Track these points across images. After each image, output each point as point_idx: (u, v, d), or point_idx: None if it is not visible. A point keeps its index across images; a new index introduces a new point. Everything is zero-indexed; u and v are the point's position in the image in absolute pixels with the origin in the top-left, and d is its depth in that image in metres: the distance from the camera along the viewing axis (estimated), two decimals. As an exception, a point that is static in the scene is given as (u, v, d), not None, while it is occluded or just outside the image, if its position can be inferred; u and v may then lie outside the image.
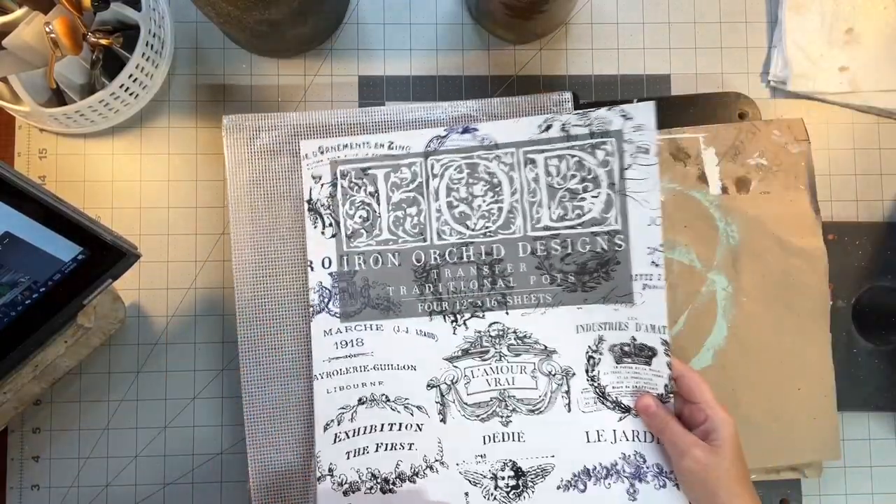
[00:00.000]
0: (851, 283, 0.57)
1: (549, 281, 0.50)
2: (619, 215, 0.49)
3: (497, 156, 0.50)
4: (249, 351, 0.53)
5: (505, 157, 0.50)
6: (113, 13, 0.50)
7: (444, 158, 0.51)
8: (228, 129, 0.54)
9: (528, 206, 0.50)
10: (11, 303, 0.42)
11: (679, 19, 0.59)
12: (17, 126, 0.55)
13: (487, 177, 0.51)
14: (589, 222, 0.49)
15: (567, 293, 0.50)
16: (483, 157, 0.51)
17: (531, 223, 0.50)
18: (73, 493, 0.53)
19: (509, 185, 0.50)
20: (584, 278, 0.50)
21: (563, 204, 0.50)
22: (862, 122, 0.59)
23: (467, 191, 0.51)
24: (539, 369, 0.50)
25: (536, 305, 0.50)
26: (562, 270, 0.50)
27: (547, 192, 0.50)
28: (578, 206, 0.49)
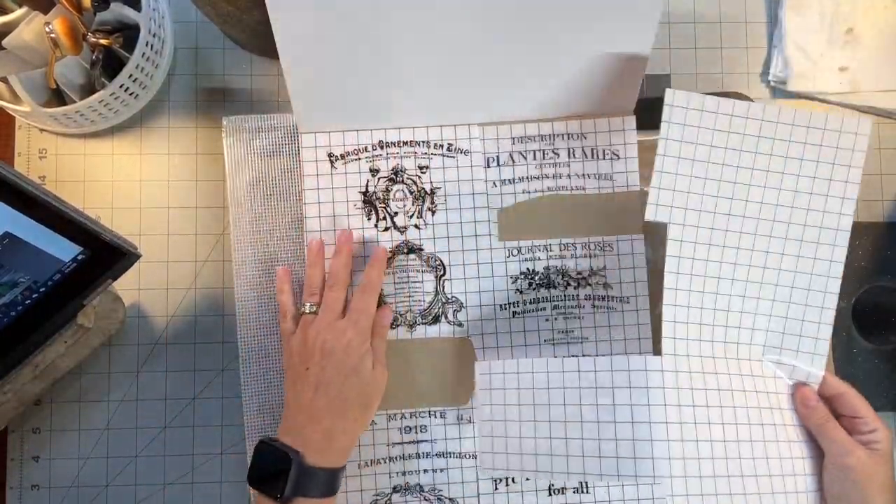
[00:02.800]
0: (851, 283, 0.57)
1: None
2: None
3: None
4: (249, 351, 0.53)
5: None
6: (113, 13, 0.50)
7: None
8: (228, 130, 0.54)
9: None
10: (11, 303, 0.42)
11: (679, 19, 0.59)
12: (17, 126, 0.55)
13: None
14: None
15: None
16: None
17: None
18: (73, 493, 0.53)
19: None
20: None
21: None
22: (862, 122, 0.59)
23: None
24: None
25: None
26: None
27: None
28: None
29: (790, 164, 0.48)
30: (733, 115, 0.47)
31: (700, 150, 0.47)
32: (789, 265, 0.49)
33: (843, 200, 0.49)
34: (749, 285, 0.49)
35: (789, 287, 0.49)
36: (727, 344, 0.48)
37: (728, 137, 0.48)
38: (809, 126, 0.48)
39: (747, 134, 0.48)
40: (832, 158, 0.48)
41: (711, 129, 0.47)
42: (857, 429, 0.47)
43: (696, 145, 0.47)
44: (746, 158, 0.48)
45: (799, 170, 0.48)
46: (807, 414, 0.48)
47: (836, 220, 0.49)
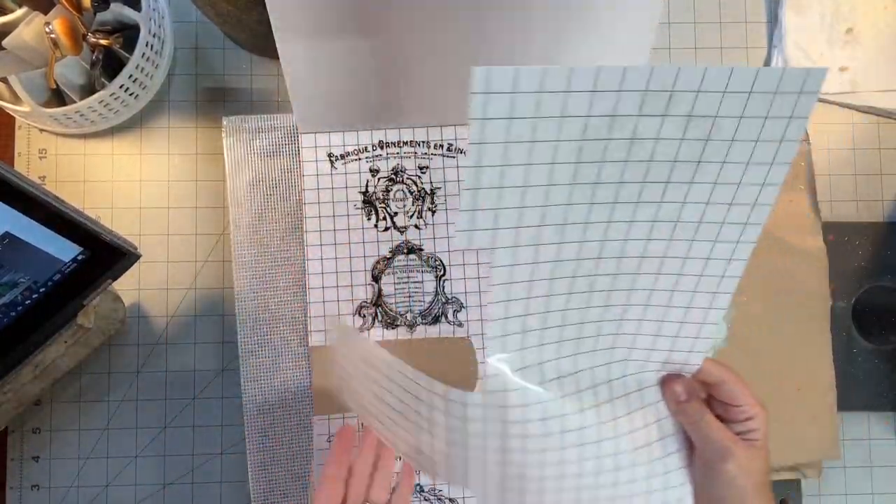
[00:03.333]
0: (851, 283, 0.57)
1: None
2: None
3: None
4: (249, 351, 0.53)
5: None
6: (113, 13, 0.50)
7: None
8: (228, 131, 0.54)
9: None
10: (11, 303, 0.42)
11: (679, 19, 0.59)
12: (17, 126, 0.55)
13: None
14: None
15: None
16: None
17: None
18: (73, 493, 0.53)
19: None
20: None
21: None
22: (862, 122, 0.59)
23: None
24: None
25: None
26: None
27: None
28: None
29: (688, 150, 0.34)
30: (596, 89, 0.32)
31: (540, 148, 0.33)
32: (679, 251, 0.38)
33: (763, 187, 0.35)
34: (612, 295, 0.39)
35: (676, 274, 0.39)
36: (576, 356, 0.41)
37: (585, 124, 0.32)
38: (727, 91, 0.32)
39: (619, 115, 0.32)
40: (755, 134, 0.33)
41: (559, 116, 0.32)
42: (733, 417, 0.42)
43: (533, 143, 0.32)
44: (618, 149, 0.34)
45: (700, 155, 0.34)
46: (677, 411, 0.43)
47: (750, 207, 0.36)
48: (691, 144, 0.34)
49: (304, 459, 0.52)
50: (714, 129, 0.33)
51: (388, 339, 0.53)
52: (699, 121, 0.33)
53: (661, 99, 0.32)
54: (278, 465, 0.52)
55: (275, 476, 0.52)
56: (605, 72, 0.32)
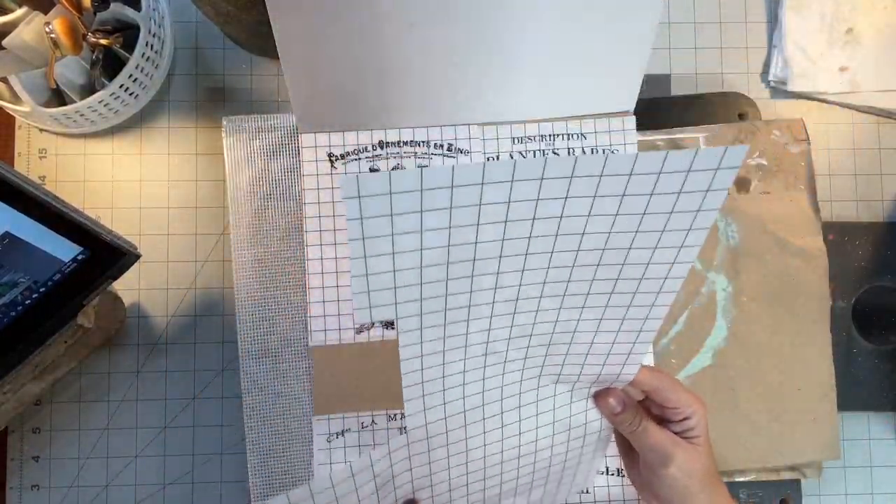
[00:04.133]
0: (851, 283, 0.57)
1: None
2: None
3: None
4: (249, 351, 0.53)
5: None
6: (113, 13, 0.50)
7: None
8: (228, 131, 0.54)
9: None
10: (11, 303, 0.42)
11: (679, 19, 0.59)
12: (17, 126, 0.55)
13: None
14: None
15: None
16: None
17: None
18: (73, 493, 0.53)
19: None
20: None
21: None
22: (862, 122, 0.59)
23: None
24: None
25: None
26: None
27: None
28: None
29: (595, 224, 0.34)
30: (486, 181, 0.31)
31: (434, 235, 0.33)
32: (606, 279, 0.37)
33: (683, 249, 0.35)
34: (530, 350, 0.41)
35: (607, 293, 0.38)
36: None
37: (480, 212, 0.33)
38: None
39: (516, 200, 0.32)
40: (668, 207, 0.33)
41: (447, 208, 0.32)
42: (670, 417, 0.43)
43: (421, 233, 0.33)
44: (519, 229, 0.34)
45: (610, 226, 0.34)
46: (616, 422, 0.44)
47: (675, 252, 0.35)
48: (602, 220, 0.34)
49: (304, 459, 0.52)
50: (623, 206, 0.33)
51: (388, 338, 0.53)
52: (608, 200, 0.33)
53: (562, 183, 0.32)
54: (278, 465, 0.52)
55: (275, 476, 0.52)
56: (491, 168, 0.31)
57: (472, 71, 0.51)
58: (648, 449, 0.43)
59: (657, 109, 0.57)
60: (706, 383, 0.53)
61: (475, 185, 0.31)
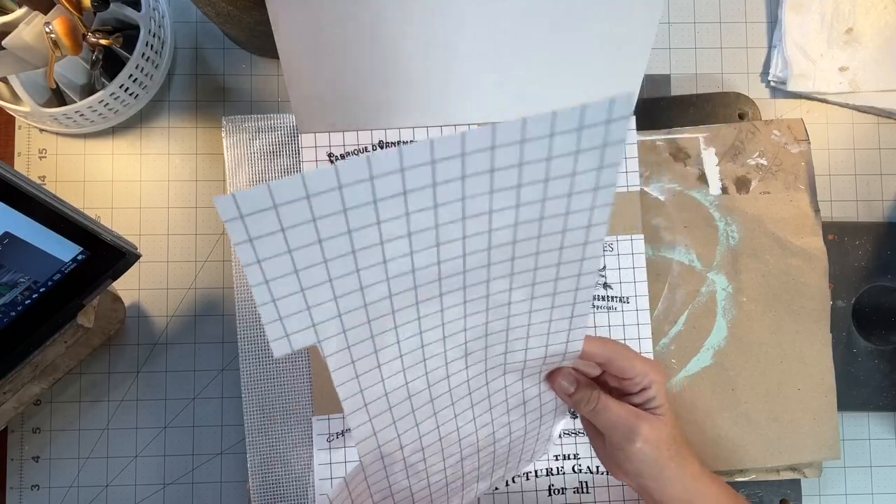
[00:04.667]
0: (851, 283, 0.57)
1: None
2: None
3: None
4: (249, 351, 0.53)
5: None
6: (113, 13, 0.50)
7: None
8: (228, 131, 0.54)
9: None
10: (11, 303, 0.42)
11: (679, 19, 0.59)
12: (17, 126, 0.55)
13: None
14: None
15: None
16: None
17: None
18: (73, 493, 0.53)
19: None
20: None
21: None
22: (862, 122, 0.59)
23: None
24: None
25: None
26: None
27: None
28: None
29: (500, 199, 0.32)
30: (375, 175, 0.28)
31: (334, 243, 0.31)
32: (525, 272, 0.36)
33: (593, 211, 0.34)
34: (470, 358, 0.39)
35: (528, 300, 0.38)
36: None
37: (378, 208, 0.30)
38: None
39: (412, 190, 0.30)
40: (569, 169, 0.32)
41: (340, 211, 0.29)
42: (628, 390, 0.42)
43: (320, 243, 0.30)
44: (423, 218, 0.32)
45: (517, 199, 0.32)
46: (572, 403, 0.43)
47: (583, 234, 0.35)
48: (505, 194, 0.32)
49: (304, 459, 0.52)
50: (523, 175, 0.32)
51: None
52: (505, 172, 0.31)
53: (456, 163, 0.30)
54: (278, 465, 0.52)
55: (275, 476, 0.52)
56: (376, 159, 0.29)
57: (473, 70, 0.51)
58: (611, 426, 0.41)
59: (657, 109, 0.57)
60: (706, 383, 0.53)
61: (365, 182, 0.29)
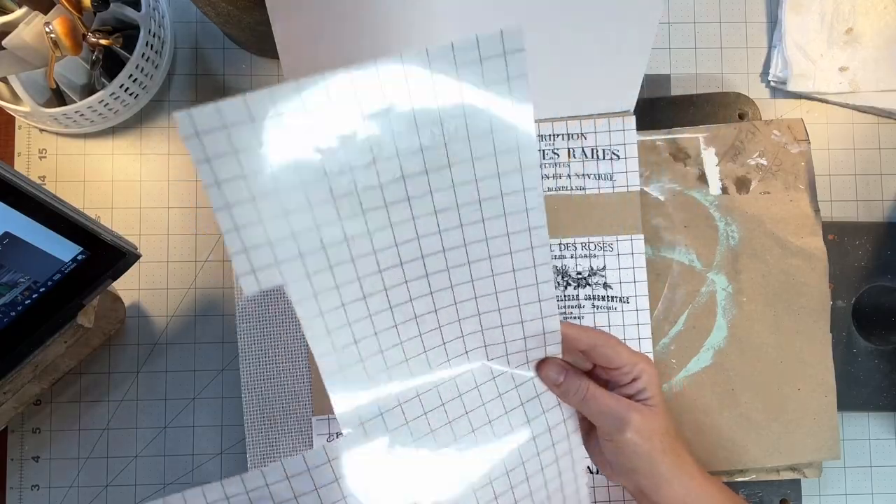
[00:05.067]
0: (851, 283, 0.57)
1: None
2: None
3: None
4: (249, 351, 0.53)
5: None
6: (113, 13, 0.50)
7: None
8: (228, 129, 0.54)
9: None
10: (11, 303, 0.42)
11: (679, 19, 0.59)
12: (17, 126, 0.55)
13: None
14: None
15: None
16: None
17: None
18: (73, 493, 0.53)
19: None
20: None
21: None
22: (862, 122, 0.59)
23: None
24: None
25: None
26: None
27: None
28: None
29: (426, 132, 0.34)
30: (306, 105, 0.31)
31: (285, 170, 0.31)
32: (479, 254, 0.37)
33: (519, 151, 0.36)
34: (436, 296, 0.38)
35: (489, 277, 0.38)
36: (425, 375, 0.40)
37: (315, 142, 0.32)
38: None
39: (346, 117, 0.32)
40: (484, 103, 0.34)
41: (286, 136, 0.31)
42: (618, 380, 0.41)
43: (271, 170, 0.31)
44: (360, 150, 0.33)
45: (442, 135, 0.34)
46: (561, 393, 0.41)
47: (518, 178, 0.36)
48: (434, 134, 0.34)
49: (304, 459, 0.52)
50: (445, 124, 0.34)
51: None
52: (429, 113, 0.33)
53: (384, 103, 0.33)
54: (278, 465, 0.52)
55: (275, 476, 0.52)
56: (306, 83, 0.31)
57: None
58: (601, 414, 0.40)
59: (657, 109, 0.57)
60: (706, 383, 0.53)
61: (299, 104, 0.30)
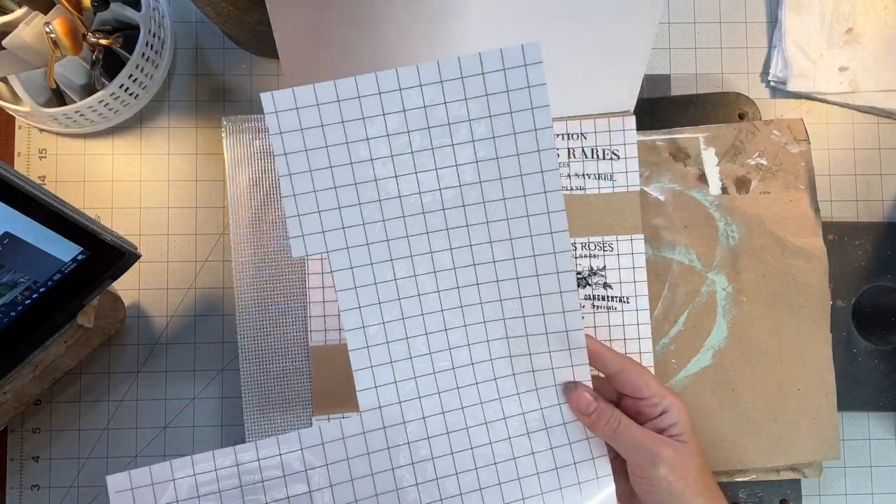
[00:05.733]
0: (851, 283, 0.57)
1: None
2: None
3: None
4: (249, 351, 0.53)
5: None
6: (113, 13, 0.50)
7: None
8: (228, 131, 0.54)
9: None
10: (11, 303, 0.42)
11: (679, 19, 0.59)
12: (17, 126, 0.55)
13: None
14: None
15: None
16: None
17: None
18: (73, 493, 0.53)
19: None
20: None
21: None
22: (862, 122, 0.59)
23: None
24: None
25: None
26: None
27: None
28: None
29: (458, 131, 0.38)
30: (360, 95, 0.37)
31: (336, 151, 0.38)
32: (503, 253, 0.40)
33: (540, 153, 0.38)
34: (462, 292, 0.40)
35: (513, 279, 0.40)
36: (445, 372, 0.40)
37: (365, 125, 0.38)
38: (463, 77, 0.37)
39: (389, 112, 0.38)
40: (506, 107, 0.38)
41: (339, 122, 0.37)
42: (645, 413, 0.40)
43: (326, 148, 0.38)
44: (400, 142, 0.38)
45: (471, 134, 0.38)
46: (591, 423, 0.40)
47: (539, 179, 0.39)
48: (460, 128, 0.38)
49: (304, 459, 0.52)
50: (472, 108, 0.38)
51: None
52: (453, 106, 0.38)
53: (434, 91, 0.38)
54: (278, 465, 0.52)
55: (275, 476, 0.52)
56: (361, 80, 0.37)
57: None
58: (633, 447, 0.39)
59: (657, 109, 0.57)
60: (706, 383, 0.53)
61: (354, 99, 0.37)
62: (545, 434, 0.41)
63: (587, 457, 0.41)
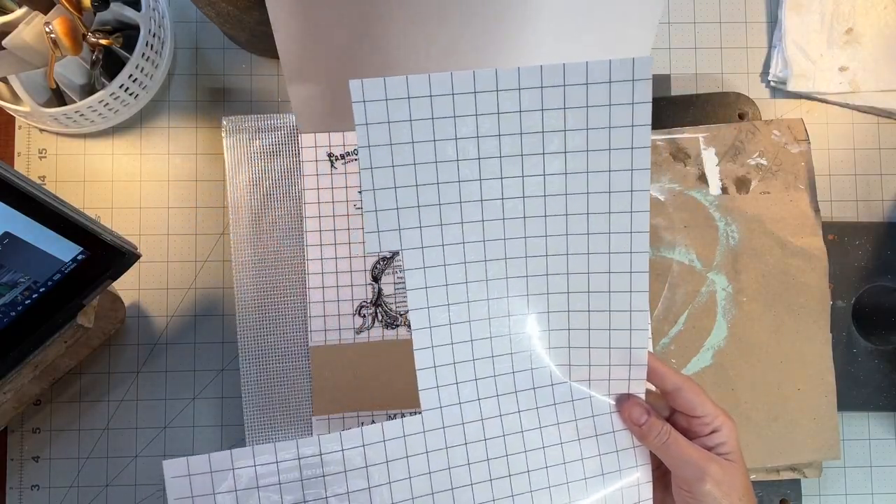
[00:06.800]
0: (851, 283, 0.57)
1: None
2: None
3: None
4: (249, 351, 0.53)
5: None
6: (113, 13, 0.50)
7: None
8: (228, 131, 0.54)
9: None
10: (11, 303, 0.42)
11: (679, 19, 0.59)
12: (17, 126, 0.55)
13: None
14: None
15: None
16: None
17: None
18: (73, 493, 0.53)
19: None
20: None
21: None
22: (862, 122, 0.59)
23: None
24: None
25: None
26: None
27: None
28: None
29: (551, 141, 0.37)
30: (455, 92, 0.36)
31: (422, 148, 0.36)
32: (578, 267, 0.39)
33: (633, 172, 0.37)
34: (531, 300, 0.40)
35: (585, 293, 0.39)
36: (505, 376, 0.40)
37: (456, 123, 0.36)
38: (566, 84, 0.36)
39: (482, 114, 0.36)
40: (605, 121, 0.37)
41: (429, 118, 0.36)
42: (697, 430, 0.40)
43: (413, 144, 0.36)
44: (489, 145, 0.37)
45: (564, 145, 0.37)
46: (641, 434, 0.40)
47: (628, 198, 0.38)
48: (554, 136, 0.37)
49: (304, 459, 0.52)
50: (571, 118, 0.37)
51: (388, 338, 0.53)
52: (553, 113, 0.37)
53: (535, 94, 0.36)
54: (278, 465, 0.52)
55: (275, 476, 0.52)
56: (457, 76, 0.36)
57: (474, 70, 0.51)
58: (681, 461, 0.39)
59: (657, 109, 0.57)
60: (706, 383, 0.53)
61: (448, 96, 0.36)
62: (595, 441, 0.41)
63: (632, 464, 0.42)
